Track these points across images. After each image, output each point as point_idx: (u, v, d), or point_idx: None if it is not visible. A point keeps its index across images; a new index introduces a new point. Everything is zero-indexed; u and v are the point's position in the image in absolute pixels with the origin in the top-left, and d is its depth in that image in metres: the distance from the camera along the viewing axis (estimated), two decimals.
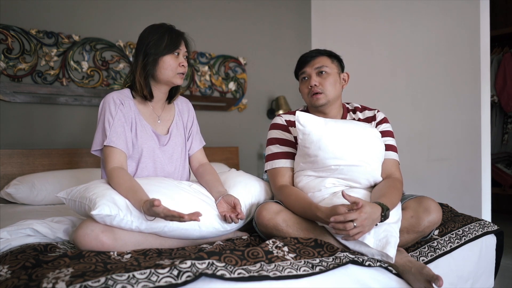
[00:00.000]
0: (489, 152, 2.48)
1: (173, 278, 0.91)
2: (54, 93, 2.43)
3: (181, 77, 1.53)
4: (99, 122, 1.46)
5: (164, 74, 1.49)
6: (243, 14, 3.28)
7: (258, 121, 3.33)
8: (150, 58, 1.47)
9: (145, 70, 1.48)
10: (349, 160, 1.38)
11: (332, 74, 1.58)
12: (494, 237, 1.61)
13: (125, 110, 1.46)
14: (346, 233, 1.16)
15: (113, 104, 1.44)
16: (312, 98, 1.57)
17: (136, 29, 1.64)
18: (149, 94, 1.51)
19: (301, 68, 1.61)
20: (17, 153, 2.26)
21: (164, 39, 1.47)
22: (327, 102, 1.57)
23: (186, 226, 1.28)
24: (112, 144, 1.39)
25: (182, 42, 1.53)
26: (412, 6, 2.85)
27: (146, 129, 1.51)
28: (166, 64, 1.48)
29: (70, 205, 1.32)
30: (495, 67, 3.62)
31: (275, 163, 1.56)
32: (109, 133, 1.40)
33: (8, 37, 2.31)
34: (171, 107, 1.65)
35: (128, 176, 1.33)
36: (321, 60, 1.58)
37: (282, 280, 1.02)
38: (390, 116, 2.02)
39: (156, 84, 1.54)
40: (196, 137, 1.69)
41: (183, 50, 1.52)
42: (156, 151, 1.51)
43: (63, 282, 0.86)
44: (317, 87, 1.55)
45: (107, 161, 1.38)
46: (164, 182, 1.40)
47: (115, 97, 1.47)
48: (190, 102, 1.73)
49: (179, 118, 1.64)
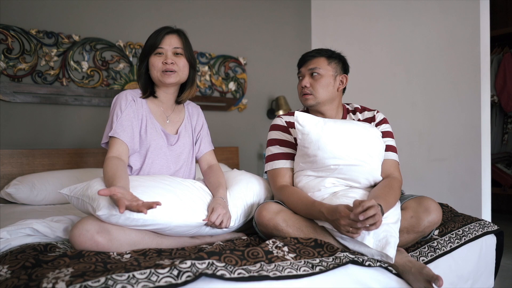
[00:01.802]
0: (489, 152, 2.48)
1: (173, 278, 0.91)
2: (54, 93, 2.43)
3: (169, 75, 1.52)
4: (110, 116, 1.50)
5: (153, 75, 1.54)
6: (243, 14, 3.28)
7: (258, 121, 3.33)
8: (143, 61, 1.55)
9: (140, 71, 1.56)
10: (348, 159, 1.38)
11: (325, 76, 1.58)
12: (494, 237, 1.61)
13: (136, 106, 1.51)
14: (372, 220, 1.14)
15: (124, 100, 1.50)
16: (302, 98, 1.61)
17: (136, 29, 1.65)
18: (151, 93, 1.57)
19: (299, 67, 1.65)
20: (17, 153, 2.26)
21: (149, 40, 1.54)
22: (316, 104, 1.59)
23: (190, 223, 1.28)
24: (116, 135, 1.43)
25: (167, 39, 1.52)
26: (412, 6, 2.85)
27: (156, 127, 1.54)
28: (150, 65, 1.53)
29: (73, 202, 1.32)
30: (495, 67, 3.62)
31: (275, 164, 1.56)
32: (115, 125, 1.44)
33: (8, 37, 2.31)
34: (181, 110, 1.67)
35: (117, 165, 1.32)
36: (316, 62, 1.59)
37: (282, 280, 1.02)
38: (390, 116, 2.02)
39: (157, 86, 1.59)
40: (205, 139, 1.71)
41: (170, 47, 1.52)
42: (164, 149, 1.53)
43: (63, 282, 0.86)
44: (307, 88, 1.58)
45: (108, 151, 1.42)
46: (167, 178, 1.40)
47: (128, 94, 1.52)
48: (199, 106, 1.78)
49: (188, 121, 1.67)
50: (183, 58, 1.55)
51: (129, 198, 1.12)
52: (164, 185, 1.34)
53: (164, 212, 1.22)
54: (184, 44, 1.55)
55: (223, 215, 1.31)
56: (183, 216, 1.27)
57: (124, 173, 1.29)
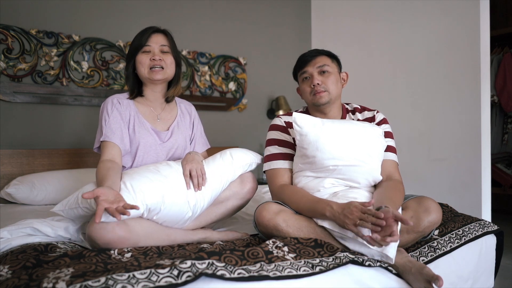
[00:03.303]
0: (489, 152, 2.48)
1: (173, 278, 0.91)
2: (54, 93, 2.44)
3: (158, 72, 1.55)
4: (99, 122, 1.53)
5: (141, 72, 1.56)
6: (243, 14, 3.28)
7: (258, 121, 3.33)
8: (130, 61, 1.58)
9: (127, 71, 1.59)
10: (347, 160, 1.38)
11: (333, 73, 1.59)
12: (494, 237, 1.61)
13: (122, 108, 1.54)
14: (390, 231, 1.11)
15: (110, 104, 1.53)
16: (315, 96, 1.57)
17: (136, 29, 1.65)
18: (138, 93, 1.60)
19: (302, 68, 1.61)
20: (17, 153, 2.26)
21: (135, 40, 1.57)
22: (329, 100, 1.58)
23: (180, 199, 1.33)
24: (107, 138, 1.46)
25: (153, 37, 1.56)
26: (412, 6, 2.85)
27: (145, 125, 1.57)
28: (138, 62, 1.56)
29: (68, 214, 1.33)
30: (495, 67, 3.62)
31: (273, 164, 1.56)
32: (104, 130, 1.48)
33: (8, 37, 2.31)
34: (173, 108, 1.69)
35: (108, 167, 1.34)
36: (322, 59, 1.59)
37: (282, 280, 1.02)
38: (390, 116, 2.02)
39: (145, 84, 1.61)
40: (199, 140, 1.73)
41: (157, 45, 1.56)
42: (154, 147, 1.56)
43: (64, 282, 0.86)
44: (320, 86, 1.56)
45: (101, 155, 1.46)
46: (154, 164, 1.44)
47: (113, 98, 1.56)
48: (192, 105, 1.79)
49: (181, 119, 1.68)
50: (169, 56, 1.58)
51: (111, 199, 1.14)
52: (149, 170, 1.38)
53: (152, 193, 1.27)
54: (170, 42, 1.60)
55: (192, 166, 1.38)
56: (172, 192, 1.31)
57: (114, 173, 1.31)
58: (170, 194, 1.31)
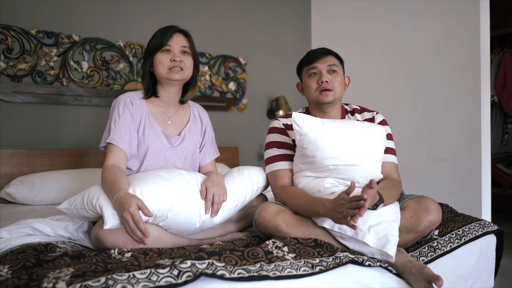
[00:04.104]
0: (489, 152, 2.48)
1: (173, 278, 0.91)
2: (54, 93, 2.44)
3: (177, 72, 1.52)
4: (108, 119, 1.51)
5: (159, 72, 1.52)
6: (243, 14, 3.28)
7: (258, 121, 3.33)
8: (148, 59, 1.54)
9: (144, 70, 1.55)
10: (347, 159, 1.38)
11: (340, 74, 1.60)
12: (494, 237, 1.61)
13: (133, 110, 1.50)
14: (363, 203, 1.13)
15: (122, 104, 1.50)
16: (321, 94, 1.57)
17: (136, 29, 1.65)
18: (152, 93, 1.56)
19: (311, 63, 1.60)
20: (17, 153, 2.26)
21: (156, 38, 1.53)
22: (333, 100, 1.58)
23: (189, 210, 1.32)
24: (114, 142, 1.44)
25: (175, 37, 1.53)
26: (412, 6, 2.85)
27: (155, 129, 1.53)
28: (157, 62, 1.52)
29: (73, 213, 1.32)
30: (495, 67, 3.62)
31: (274, 166, 1.56)
32: (113, 131, 1.45)
33: (8, 37, 2.31)
34: (186, 112, 1.66)
35: (116, 172, 1.34)
36: (332, 59, 1.60)
37: (282, 280, 1.03)
38: (390, 116, 2.02)
39: (160, 84, 1.57)
40: (210, 148, 1.71)
41: (178, 45, 1.53)
42: (163, 151, 1.53)
43: (64, 282, 0.86)
44: (328, 84, 1.56)
45: (106, 158, 1.44)
46: (165, 170, 1.42)
47: (126, 97, 1.52)
48: (206, 111, 1.76)
49: (193, 124, 1.65)
50: (189, 57, 1.56)
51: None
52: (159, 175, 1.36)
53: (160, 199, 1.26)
54: (191, 44, 1.58)
55: (216, 191, 1.36)
56: (181, 201, 1.30)
57: (124, 179, 1.31)
58: (179, 203, 1.29)
